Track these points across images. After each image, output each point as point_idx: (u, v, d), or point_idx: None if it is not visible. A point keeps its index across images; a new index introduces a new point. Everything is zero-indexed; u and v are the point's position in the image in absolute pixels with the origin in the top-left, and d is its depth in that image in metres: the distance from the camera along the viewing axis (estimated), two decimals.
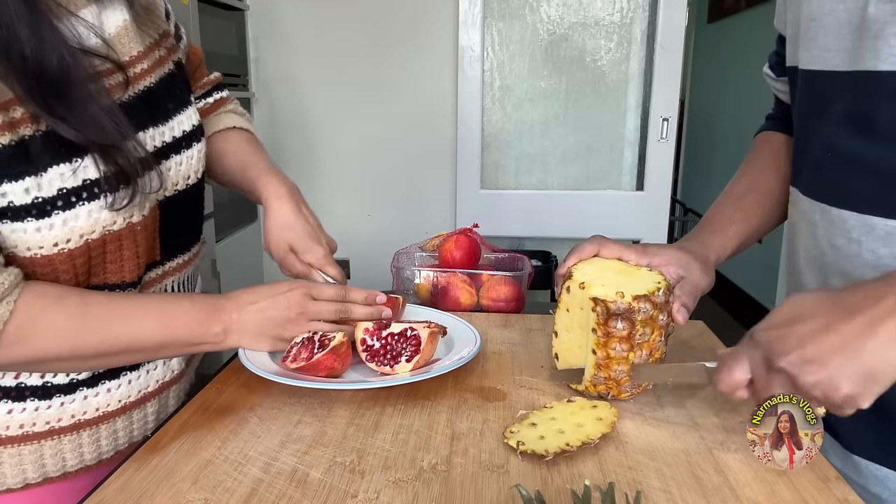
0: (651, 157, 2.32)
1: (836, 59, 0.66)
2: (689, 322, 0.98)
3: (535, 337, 0.94)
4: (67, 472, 0.70)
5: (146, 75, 0.71)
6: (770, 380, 0.55)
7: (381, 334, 0.78)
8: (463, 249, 1.13)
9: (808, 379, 0.52)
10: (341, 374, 0.77)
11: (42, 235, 0.60)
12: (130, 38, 0.70)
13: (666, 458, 0.62)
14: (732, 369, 0.57)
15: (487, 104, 2.40)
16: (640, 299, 0.67)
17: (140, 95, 0.70)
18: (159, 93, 0.72)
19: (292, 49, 2.44)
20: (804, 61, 0.71)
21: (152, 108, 0.71)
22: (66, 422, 0.69)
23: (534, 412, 0.68)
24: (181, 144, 0.74)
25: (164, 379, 0.77)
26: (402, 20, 2.37)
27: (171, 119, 0.73)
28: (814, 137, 0.71)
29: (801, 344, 0.52)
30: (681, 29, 2.22)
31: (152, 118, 0.71)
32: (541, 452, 0.61)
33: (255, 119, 2.52)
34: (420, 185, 2.50)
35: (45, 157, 0.59)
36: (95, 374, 0.70)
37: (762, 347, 0.55)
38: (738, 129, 4.11)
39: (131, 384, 0.73)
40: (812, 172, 0.72)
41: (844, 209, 0.66)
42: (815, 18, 0.68)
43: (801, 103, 0.75)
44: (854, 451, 0.72)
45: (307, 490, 0.57)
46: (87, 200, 0.61)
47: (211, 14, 2.10)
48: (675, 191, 5.01)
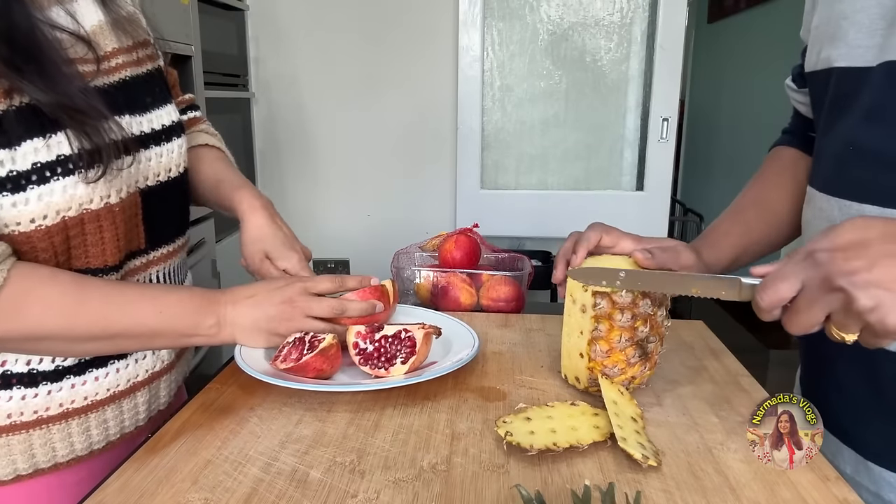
0: (651, 157, 2.32)
1: (867, 56, 0.66)
2: (689, 322, 0.99)
3: (535, 337, 0.94)
4: (59, 462, 0.70)
5: (123, 68, 0.73)
6: (821, 299, 0.54)
7: (373, 337, 0.78)
8: (463, 249, 1.13)
9: (867, 302, 0.51)
10: (331, 375, 0.77)
11: (18, 211, 0.61)
12: (106, 36, 0.72)
13: (666, 457, 0.62)
14: (779, 286, 0.56)
15: (487, 104, 2.40)
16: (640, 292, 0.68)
17: (116, 84, 0.71)
18: (137, 86, 0.74)
19: (292, 49, 2.44)
20: (834, 59, 0.71)
21: (129, 98, 0.72)
22: (54, 410, 0.69)
23: (533, 408, 0.68)
24: (161, 137, 0.76)
25: (154, 369, 0.77)
26: (401, 20, 2.37)
27: (148, 111, 0.74)
28: (836, 133, 0.71)
29: (871, 266, 0.51)
30: (681, 29, 2.22)
31: (129, 107, 0.72)
32: (525, 446, 0.61)
33: (255, 119, 2.52)
34: (420, 185, 2.50)
35: (18, 130, 0.60)
36: (82, 361, 0.70)
37: (825, 265, 0.54)
38: (737, 128, 4.10)
39: (119, 373, 0.73)
40: (831, 168, 0.71)
41: (866, 203, 0.66)
42: (847, 16, 0.68)
43: (829, 103, 0.74)
44: (868, 458, 0.71)
45: (307, 490, 0.57)
46: (61, 175, 0.62)
47: (211, 14, 2.10)
48: (675, 191, 5.01)
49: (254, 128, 2.52)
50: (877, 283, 0.51)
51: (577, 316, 0.72)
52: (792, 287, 0.55)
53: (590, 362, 0.71)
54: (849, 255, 0.53)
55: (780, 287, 0.56)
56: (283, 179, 2.57)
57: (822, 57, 0.73)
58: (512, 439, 0.62)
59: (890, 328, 0.51)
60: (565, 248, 0.78)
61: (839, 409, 0.72)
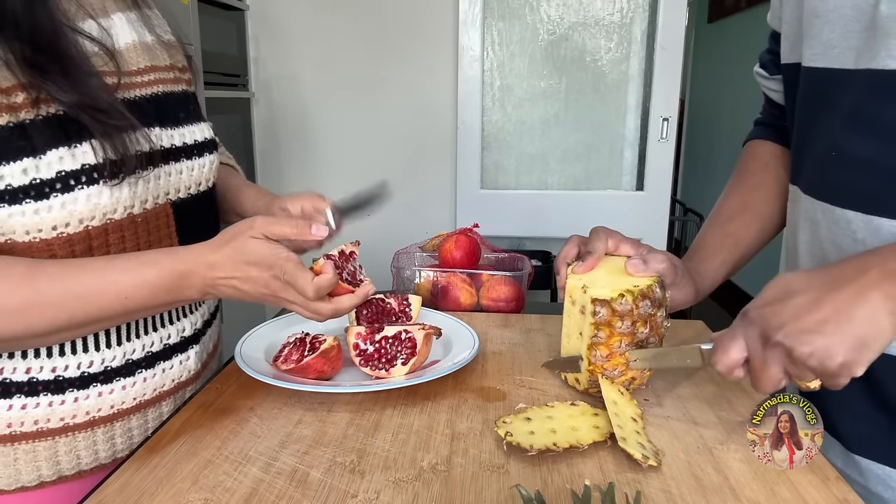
0: (651, 156, 2.32)
1: (843, 57, 0.66)
2: (689, 322, 0.98)
3: (535, 337, 0.94)
4: (83, 470, 0.70)
5: (158, 84, 0.72)
6: (766, 355, 0.56)
7: (374, 338, 0.78)
8: (463, 249, 1.13)
9: (804, 350, 0.53)
10: (331, 376, 0.77)
11: (41, 218, 0.60)
12: (139, 55, 0.72)
13: (666, 457, 0.62)
14: (728, 348, 0.58)
15: (487, 104, 2.40)
16: (640, 297, 0.68)
17: (148, 97, 0.70)
18: (169, 102, 0.73)
19: (292, 49, 2.44)
20: (807, 58, 0.71)
21: (160, 111, 0.71)
22: (81, 418, 0.69)
23: (533, 408, 0.68)
24: (193, 151, 0.75)
25: (181, 378, 0.77)
26: (402, 20, 2.37)
27: (181, 126, 0.74)
28: (816, 136, 0.71)
29: (796, 316, 0.54)
30: (681, 29, 2.22)
31: (159, 120, 0.71)
32: (525, 447, 0.61)
33: (256, 119, 2.52)
34: (420, 185, 2.50)
35: (43, 139, 0.60)
36: (108, 369, 0.69)
37: (757, 323, 0.56)
38: (738, 128, 4.10)
39: (146, 382, 0.73)
40: (814, 171, 0.72)
41: (849, 209, 0.66)
42: (820, 14, 0.68)
43: (802, 101, 0.74)
44: (855, 451, 0.72)
45: (307, 490, 0.57)
46: (86, 185, 0.62)
47: (211, 14, 2.10)
48: (675, 191, 5.01)
49: (254, 128, 2.52)
50: (806, 330, 0.53)
51: (577, 317, 0.72)
52: (739, 347, 0.58)
53: (590, 365, 0.71)
54: (775, 310, 0.55)
55: (729, 349, 0.58)
56: (283, 179, 2.57)
57: (796, 52, 0.73)
58: (512, 439, 0.62)
59: (833, 370, 0.53)
60: (565, 252, 0.78)
61: (827, 403, 0.72)
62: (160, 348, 0.74)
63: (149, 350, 0.73)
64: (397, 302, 0.89)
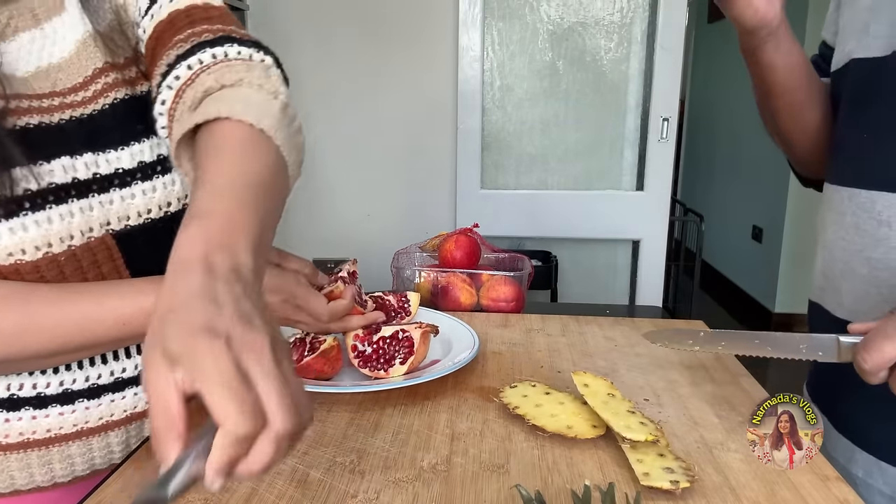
0: (651, 156, 2.32)
1: (882, 45, 0.67)
2: (689, 322, 0.98)
3: (535, 337, 0.94)
4: (77, 476, 0.70)
5: (90, 102, 0.66)
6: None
7: (371, 339, 0.78)
8: (463, 249, 1.13)
9: None
10: (331, 377, 0.77)
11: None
12: (76, 66, 0.66)
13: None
14: (882, 346, 0.52)
15: (487, 104, 2.40)
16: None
17: (78, 119, 0.64)
18: (105, 121, 0.66)
19: (292, 49, 2.44)
20: (853, 51, 0.72)
21: (91, 134, 0.65)
22: (68, 430, 0.68)
23: (524, 383, 0.72)
24: (134, 175, 0.68)
25: None
26: (402, 20, 2.37)
27: (117, 149, 0.67)
28: (849, 123, 0.71)
29: None
30: (681, 29, 2.22)
31: (90, 144, 0.65)
32: (530, 420, 0.64)
33: None
34: (420, 185, 2.50)
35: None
36: (92, 387, 0.68)
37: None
38: (738, 128, 4.11)
39: (137, 396, 0.72)
40: (841, 158, 0.72)
41: (874, 190, 0.66)
42: (872, 9, 0.70)
43: (845, 96, 0.74)
44: (883, 458, 0.71)
45: (307, 490, 0.57)
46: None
47: None
48: (675, 191, 5.01)
49: None
50: None
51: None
52: (894, 346, 0.52)
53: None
54: None
55: (884, 347, 0.52)
56: None
57: (844, 52, 0.74)
58: (520, 412, 0.65)
59: None
60: None
61: (852, 410, 0.72)
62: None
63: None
64: (396, 298, 0.89)
